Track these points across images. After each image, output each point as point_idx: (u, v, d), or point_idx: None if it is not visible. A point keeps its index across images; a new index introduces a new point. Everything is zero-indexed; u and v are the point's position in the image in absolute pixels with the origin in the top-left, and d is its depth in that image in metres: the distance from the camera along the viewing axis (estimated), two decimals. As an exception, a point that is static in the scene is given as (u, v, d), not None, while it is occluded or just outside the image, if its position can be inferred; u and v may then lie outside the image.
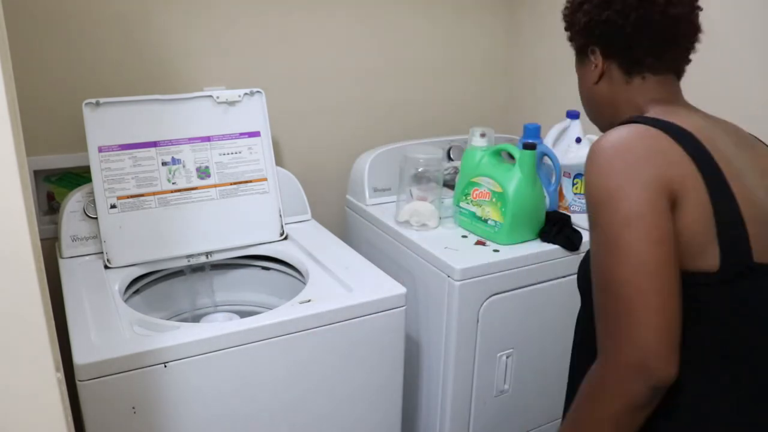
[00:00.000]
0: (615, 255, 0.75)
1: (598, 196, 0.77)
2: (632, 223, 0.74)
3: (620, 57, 0.91)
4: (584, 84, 0.98)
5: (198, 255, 1.43)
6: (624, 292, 0.74)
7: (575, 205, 1.57)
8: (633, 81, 0.91)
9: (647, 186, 0.75)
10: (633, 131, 0.81)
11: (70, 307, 1.18)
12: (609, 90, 0.93)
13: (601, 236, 0.77)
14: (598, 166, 0.79)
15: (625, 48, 0.89)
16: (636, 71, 0.90)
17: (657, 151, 0.78)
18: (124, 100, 1.37)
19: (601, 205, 0.77)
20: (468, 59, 2.00)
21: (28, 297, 0.52)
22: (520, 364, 1.49)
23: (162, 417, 1.09)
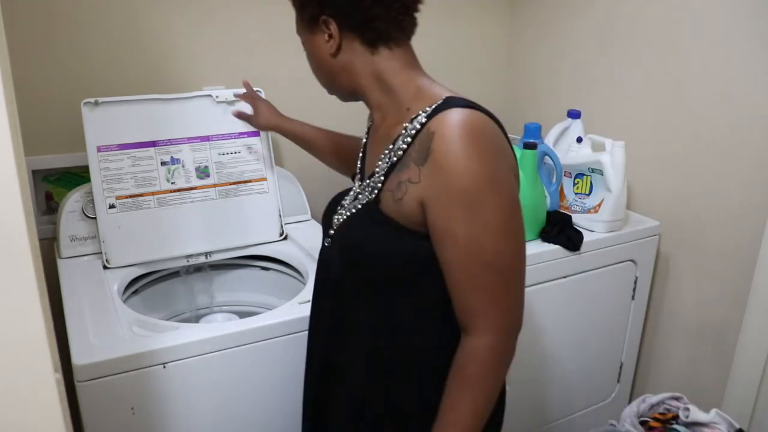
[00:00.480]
0: (506, 239, 0.81)
1: (481, 181, 0.79)
2: (516, 208, 0.82)
3: (362, 30, 0.89)
4: (317, 54, 0.94)
5: (197, 255, 1.43)
6: (515, 269, 0.83)
7: (576, 205, 1.56)
8: (380, 52, 0.91)
9: (512, 171, 0.85)
10: (483, 118, 0.83)
11: (68, 307, 1.17)
12: (350, 61, 0.91)
13: (492, 220, 0.80)
14: (470, 152, 0.79)
15: (367, 21, 0.88)
16: (381, 43, 0.90)
17: (504, 140, 0.86)
18: (123, 100, 1.36)
19: (486, 192, 0.79)
20: (468, 59, 1.99)
21: (27, 297, 0.52)
22: (521, 365, 1.49)
23: (161, 418, 1.09)
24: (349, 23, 0.89)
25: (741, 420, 1.42)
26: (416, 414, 0.93)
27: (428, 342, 0.92)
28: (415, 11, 0.93)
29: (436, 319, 0.90)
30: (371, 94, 0.94)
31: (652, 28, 1.59)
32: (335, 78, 0.95)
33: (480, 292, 0.82)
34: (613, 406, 1.72)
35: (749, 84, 1.40)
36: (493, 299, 0.82)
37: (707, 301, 1.58)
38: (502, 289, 0.83)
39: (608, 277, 1.56)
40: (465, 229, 0.80)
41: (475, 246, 0.80)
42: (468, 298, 0.83)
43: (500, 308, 0.83)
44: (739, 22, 1.41)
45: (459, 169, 0.79)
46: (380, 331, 0.92)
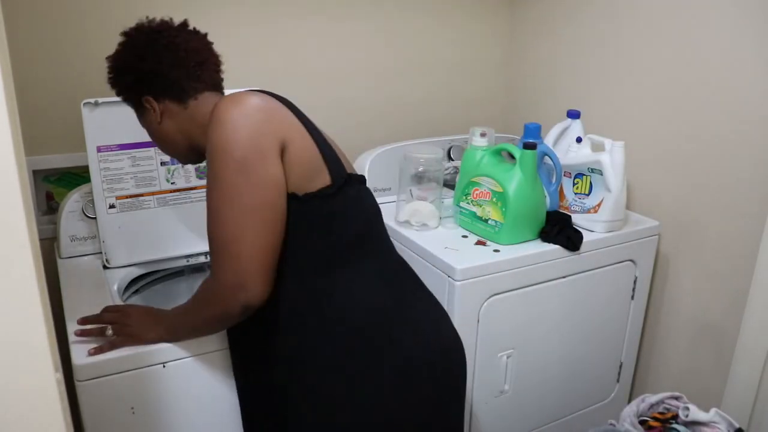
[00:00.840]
0: (225, 196, 0.93)
1: (217, 145, 0.93)
2: (243, 168, 0.91)
3: (169, 94, 1.06)
4: (152, 129, 1.11)
5: (197, 255, 1.43)
6: (228, 229, 0.92)
7: (576, 205, 1.56)
8: (188, 105, 1.07)
9: (260, 134, 0.93)
10: (244, 94, 0.98)
11: (69, 307, 1.17)
12: (175, 122, 1.08)
13: (216, 179, 0.93)
14: (219, 121, 0.94)
15: (170, 86, 1.05)
16: (187, 97, 1.07)
17: (266, 108, 0.97)
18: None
19: (219, 152, 0.92)
20: (468, 59, 2.00)
21: (27, 297, 0.52)
22: (520, 364, 1.49)
23: (161, 417, 1.09)
24: (160, 92, 1.06)
25: (740, 419, 1.42)
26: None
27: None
28: (213, 66, 1.11)
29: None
30: (199, 140, 1.07)
31: (652, 28, 1.59)
32: (171, 143, 1.11)
33: (209, 237, 0.96)
34: (612, 405, 1.72)
35: (749, 84, 1.40)
36: (211, 248, 0.96)
37: (707, 301, 1.58)
38: (215, 241, 0.94)
39: (608, 277, 1.56)
40: (207, 185, 0.96)
41: (207, 200, 0.95)
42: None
43: (212, 256, 0.96)
44: (739, 22, 1.41)
45: (208, 142, 0.95)
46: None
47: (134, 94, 1.08)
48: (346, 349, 1.00)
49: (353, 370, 1.00)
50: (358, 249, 1.04)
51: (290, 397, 1.02)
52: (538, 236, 1.48)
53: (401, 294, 1.08)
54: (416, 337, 1.05)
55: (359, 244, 1.05)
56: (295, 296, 1.00)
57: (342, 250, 1.02)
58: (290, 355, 1.01)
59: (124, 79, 1.08)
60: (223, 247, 0.93)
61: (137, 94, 1.08)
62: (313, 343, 1.00)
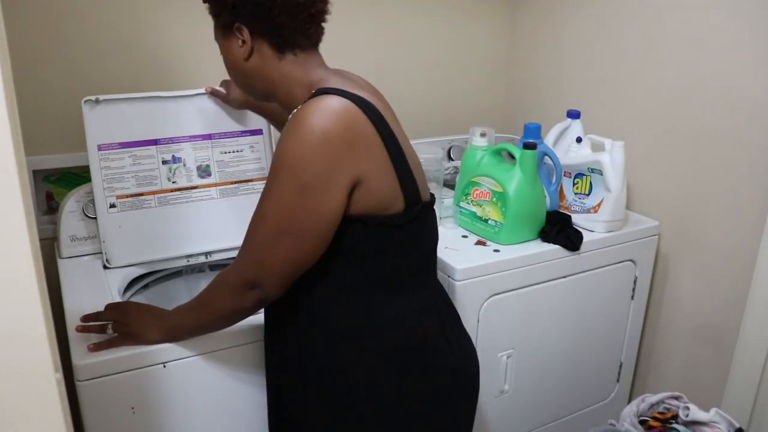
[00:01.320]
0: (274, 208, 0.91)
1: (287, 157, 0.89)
2: (303, 191, 0.89)
3: (270, 37, 0.98)
4: (231, 58, 1.03)
5: (198, 255, 1.43)
6: (270, 233, 0.92)
7: (576, 205, 1.56)
8: (285, 57, 1.00)
9: (335, 161, 0.89)
10: (334, 107, 0.90)
11: (69, 307, 1.17)
12: (261, 65, 1.01)
13: (274, 189, 0.91)
14: (297, 133, 0.89)
15: (274, 29, 0.97)
16: (287, 49, 0.99)
17: (348, 129, 0.90)
18: (124, 98, 1.36)
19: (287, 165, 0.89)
20: (468, 59, 1.99)
21: (28, 297, 0.52)
22: (520, 364, 1.49)
23: (161, 417, 1.09)
24: (259, 30, 0.98)
25: (740, 419, 1.42)
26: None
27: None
28: (322, 21, 1.02)
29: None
30: (279, 95, 1.04)
31: (652, 28, 1.59)
32: (249, 80, 1.05)
33: (247, 233, 0.96)
34: (612, 405, 1.72)
35: (749, 84, 1.40)
36: (245, 244, 0.96)
37: (707, 301, 1.58)
38: (252, 239, 0.95)
39: (608, 276, 1.56)
40: (264, 190, 0.93)
41: (259, 204, 0.94)
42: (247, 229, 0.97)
43: (241, 252, 0.97)
44: (739, 22, 1.41)
45: (279, 144, 0.91)
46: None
47: (228, 17, 0.99)
48: (381, 372, 1.00)
49: (385, 392, 1.00)
50: (409, 278, 1.03)
51: (321, 415, 1.02)
52: (538, 236, 1.48)
53: (440, 325, 1.07)
54: (449, 367, 1.06)
55: (412, 273, 1.04)
56: (339, 313, 0.99)
57: (395, 276, 1.01)
58: (325, 371, 1.01)
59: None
60: (253, 248, 0.94)
61: (232, 18, 0.99)
62: (351, 363, 1.00)
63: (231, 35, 1.00)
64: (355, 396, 1.00)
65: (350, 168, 0.90)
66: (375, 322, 1.00)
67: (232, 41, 1.01)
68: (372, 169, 0.92)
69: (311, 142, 0.88)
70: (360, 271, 0.98)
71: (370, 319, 0.99)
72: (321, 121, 0.88)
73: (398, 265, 1.00)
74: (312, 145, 0.88)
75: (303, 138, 0.88)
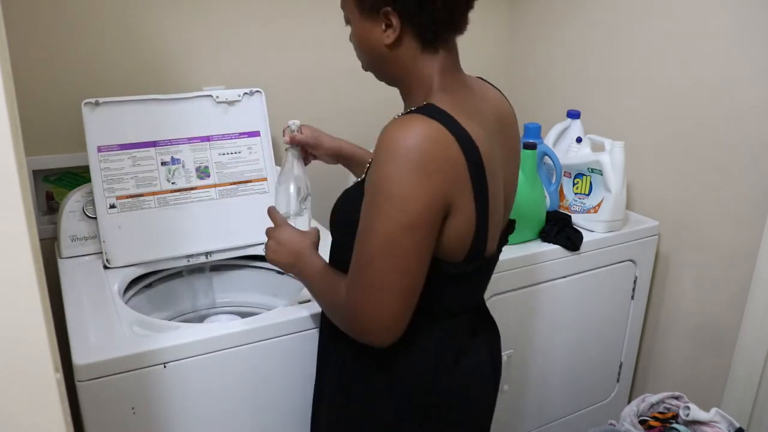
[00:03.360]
0: (384, 249, 0.84)
1: (391, 190, 0.82)
2: (411, 231, 0.83)
3: (420, 28, 0.90)
4: (368, 40, 0.93)
5: (197, 255, 1.43)
6: (378, 278, 0.85)
7: (576, 205, 1.56)
8: (426, 52, 0.92)
9: (435, 197, 0.83)
10: (431, 134, 0.83)
11: (69, 307, 1.17)
12: (401, 55, 0.92)
13: (381, 228, 0.84)
14: (396, 161, 0.82)
15: (429, 21, 0.89)
16: (434, 45, 0.91)
17: (447, 162, 0.83)
18: (123, 100, 1.37)
19: (390, 202, 0.83)
20: (468, 59, 1.98)
21: (28, 297, 0.52)
22: (520, 364, 1.49)
23: (161, 417, 1.09)
24: (413, 21, 0.89)
25: (740, 419, 1.42)
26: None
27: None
28: (467, 11, 0.93)
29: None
30: (404, 88, 0.96)
31: (652, 28, 1.59)
32: (382, 65, 0.96)
33: (353, 271, 0.89)
34: (612, 405, 1.72)
35: (749, 84, 1.40)
36: (355, 283, 0.88)
37: (707, 301, 1.58)
38: (365, 284, 0.87)
39: (608, 276, 1.56)
40: (362, 220, 0.87)
41: (363, 234, 0.87)
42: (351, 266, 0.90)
43: (355, 292, 0.89)
44: (739, 22, 1.41)
45: (375, 168, 0.84)
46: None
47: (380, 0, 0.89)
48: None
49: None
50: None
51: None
52: (538, 236, 1.48)
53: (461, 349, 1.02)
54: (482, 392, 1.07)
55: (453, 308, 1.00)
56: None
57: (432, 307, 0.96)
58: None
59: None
60: (367, 290, 0.87)
61: (385, 1, 0.88)
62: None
63: (376, 17, 0.90)
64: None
65: (441, 183, 0.83)
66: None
67: (375, 24, 0.91)
68: (461, 198, 0.86)
69: (408, 174, 0.81)
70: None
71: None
72: (413, 140, 0.82)
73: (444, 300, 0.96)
74: (410, 179, 0.81)
75: (399, 170, 0.82)
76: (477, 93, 0.96)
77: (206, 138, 1.45)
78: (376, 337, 0.89)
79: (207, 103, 1.45)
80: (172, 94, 1.42)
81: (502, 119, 0.98)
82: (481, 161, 0.86)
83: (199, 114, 1.44)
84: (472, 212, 0.87)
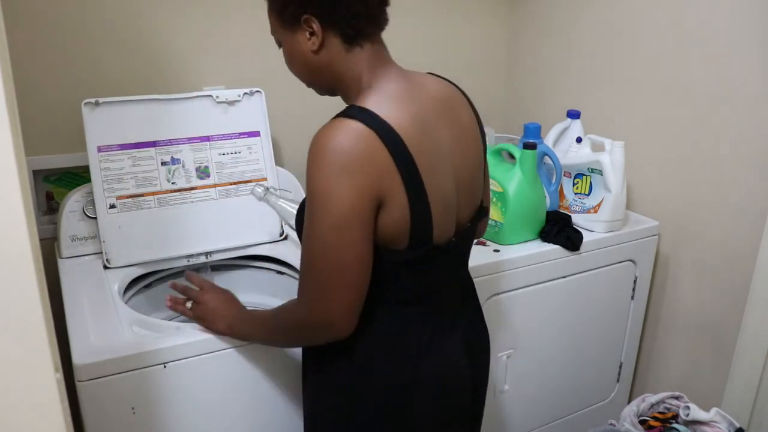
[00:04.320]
0: (322, 249, 0.88)
1: (318, 193, 0.86)
2: (342, 230, 0.86)
3: (341, 28, 0.92)
4: (297, 51, 0.97)
5: (197, 255, 1.43)
6: (323, 277, 0.89)
7: (576, 205, 1.56)
8: (353, 50, 0.94)
9: (360, 194, 0.85)
10: (351, 134, 0.86)
11: (69, 307, 1.17)
12: (329, 59, 0.95)
13: (315, 230, 0.88)
14: (320, 165, 0.86)
15: (348, 19, 0.91)
16: (356, 41, 0.94)
17: (371, 159, 0.86)
18: (123, 100, 1.36)
19: (318, 204, 0.87)
20: (468, 59, 1.99)
21: (28, 297, 0.52)
22: (520, 364, 1.49)
23: (161, 417, 1.09)
24: (331, 21, 0.92)
25: (740, 419, 1.42)
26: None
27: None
28: (387, 5, 0.96)
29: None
30: (343, 91, 0.99)
31: (652, 28, 1.59)
32: (315, 75, 0.99)
33: (301, 273, 0.93)
34: (612, 405, 1.72)
35: (749, 84, 1.40)
36: (304, 284, 0.93)
37: (707, 301, 1.58)
38: (311, 283, 0.91)
39: (608, 276, 1.56)
40: (303, 226, 0.91)
41: (305, 239, 0.91)
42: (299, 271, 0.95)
43: (305, 293, 0.93)
44: (739, 22, 1.41)
45: (306, 175, 0.88)
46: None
47: (296, 9, 0.92)
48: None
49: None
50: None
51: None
52: (538, 236, 1.48)
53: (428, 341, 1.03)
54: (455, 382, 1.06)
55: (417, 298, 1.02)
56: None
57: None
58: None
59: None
60: (316, 290, 0.91)
61: (300, 10, 0.92)
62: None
63: (297, 28, 0.94)
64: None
65: (365, 179, 0.86)
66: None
67: (299, 34, 0.94)
68: (390, 190, 0.88)
69: (335, 174, 0.85)
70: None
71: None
72: (334, 143, 0.85)
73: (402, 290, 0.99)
74: (337, 179, 0.85)
75: (322, 170, 0.85)
76: (414, 83, 0.97)
77: (206, 138, 1.45)
78: (330, 333, 0.92)
79: (207, 103, 1.46)
80: (172, 94, 1.42)
81: (446, 102, 0.99)
82: (408, 152, 0.88)
83: (199, 114, 1.44)
84: (405, 202, 0.89)
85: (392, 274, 0.95)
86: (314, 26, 0.92)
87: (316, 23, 0.92)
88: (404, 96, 0.93)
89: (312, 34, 0.93)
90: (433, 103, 0.97)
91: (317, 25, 0.92)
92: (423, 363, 1.00)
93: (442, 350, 1.02)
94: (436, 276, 1.02)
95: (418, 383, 1.00)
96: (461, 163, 0.99)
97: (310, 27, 0.92)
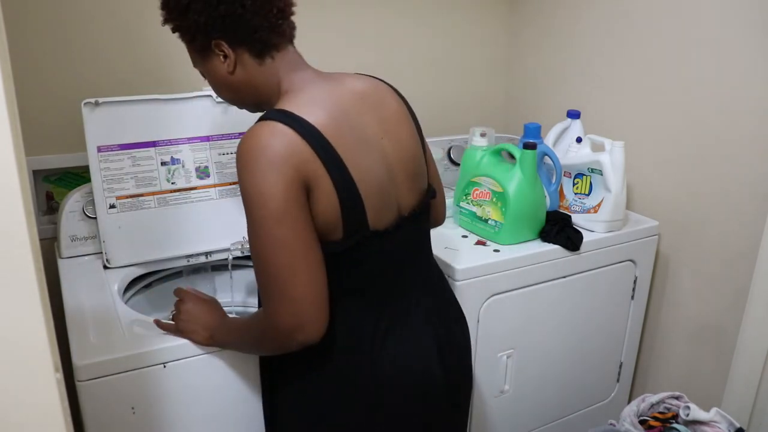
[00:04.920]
0: (270, 246, 0.89)
1: (252, 193, 0.89)
2: (282, 222, 0.88)
3: (249, 43, 0.98)
4: (217, 76, 1.03)
5: (197, 255, 1.43)
6: (280, 275, 0.90)
7: (576, 205, 1.56)
8: (265, 63, 1.00)
9: (289, 185, 0.88)
10: (271, 133, 0.90)
11: (69, 307, 1.17)
12: (245, 76, 1.01)
13: (258, 229, 0.90)
14: (247, 167, 0.89)
15: (251, 33, 0.97)
16: (266, 53, 0.99)
17: (292, 153, 0.89)
18: (123, 100, 1.36)
19: (254, 204, 0.89)
20: (468, 59, 2.00)
21: (28, 297, 0.52)
22: (520, 364, 1.49)
23: (161, 417, 1.09)
24: (238, 39, 0.97)
25: (740, 419, 1.42)
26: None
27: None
28: (291, 15, 1.02)
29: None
30: (266, 103, 1.03)
31: (652, 28, 1.59)
32: (239, 94, 1.05)
33: (258, 282, 0.94)
34: (612, 405, 1.72)
35: (749, 84, 1.40)
36: (264, 291, 0.93)
37: (707, 301, 1.58)
38: (271, 287, 0.91)
39: (608, 276, 1.56)
40: (248, 232, 0.92)
41: (252, 248, 0.92)
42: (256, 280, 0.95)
43: (267, 299, 0.93)
44: (739, 22, 1.41)
45: (238, 181, 0.91)
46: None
47: (204, 38, 0.98)
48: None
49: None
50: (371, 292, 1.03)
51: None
52: (538, 236, 1.48)
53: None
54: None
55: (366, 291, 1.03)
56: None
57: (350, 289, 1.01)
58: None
59: (190, 19, 0.96)
60: (277, 291, 0.91)
61: (207, 37, 0.98)
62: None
63: (211, 54, 1.00)
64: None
65: (290, 170, 0.89)
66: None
67: (214, 60, 1.00)
68: (315, 177, 0.91)
69: (261, 172, 0.88)
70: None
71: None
72: (254, 144, 0.89)
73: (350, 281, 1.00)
74: (263, 176, 0.88)
75: (251, 172, 0.89)
76: (332, 81, 1.02)
77: (206, 138, 1.45)
78: (303, 334, 0.91)
79: (207, 103, 1.45)
80: (172, 94, 1.42)
81: (368, 94, 1.03)
82: (328, 142, 0.92)
83: (199, 114, 1.44)
84: (331, 189, 0.92)
85: (336, 266, 0.96)
86: (225, 49, 0.98)
87: (225, 45, 0.98)
88: (321, 93, 0.98)
89: (225, 57, 0.99)
90: (354, 95, 1.01)
91: (227, 47, 0.98)
92: (380, 355, 1.01)
93: (400, 341, 1.03)
94: (384, 263, 1.03)
95: (377, 377, 1.01)
96: (393, 147, 1.02)
97: (222, 50, 0.98)
